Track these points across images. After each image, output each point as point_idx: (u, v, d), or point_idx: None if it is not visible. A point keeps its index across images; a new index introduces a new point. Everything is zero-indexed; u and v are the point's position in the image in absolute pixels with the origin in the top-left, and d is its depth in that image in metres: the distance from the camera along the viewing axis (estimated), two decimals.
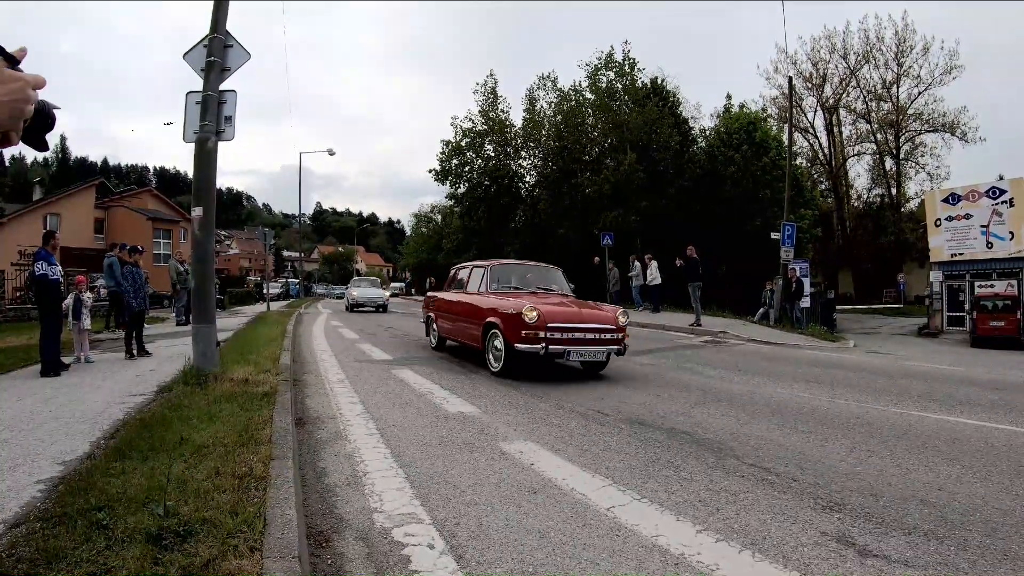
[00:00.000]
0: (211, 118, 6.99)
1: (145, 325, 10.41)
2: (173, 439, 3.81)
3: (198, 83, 7.35)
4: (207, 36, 7.31)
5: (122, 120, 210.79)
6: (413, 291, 68.21)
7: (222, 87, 7.29)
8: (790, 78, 24.55)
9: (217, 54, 7.19)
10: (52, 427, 4.67)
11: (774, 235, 20.83)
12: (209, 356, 6.43)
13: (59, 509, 2.81)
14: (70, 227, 32.03)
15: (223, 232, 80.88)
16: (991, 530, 3.34)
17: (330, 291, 61.47)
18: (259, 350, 8.86)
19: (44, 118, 1.25)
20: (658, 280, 21.64)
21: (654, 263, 21.92)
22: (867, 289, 50.69)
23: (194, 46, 7.38)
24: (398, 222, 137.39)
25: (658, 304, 21.74)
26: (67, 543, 2.45)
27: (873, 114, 50.35)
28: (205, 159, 6.97)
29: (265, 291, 28.56)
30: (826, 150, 53.13)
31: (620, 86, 32.70)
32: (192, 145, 7.25)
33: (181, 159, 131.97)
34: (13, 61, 1.20)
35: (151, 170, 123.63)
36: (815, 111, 52.35)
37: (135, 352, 9.21)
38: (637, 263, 23.24)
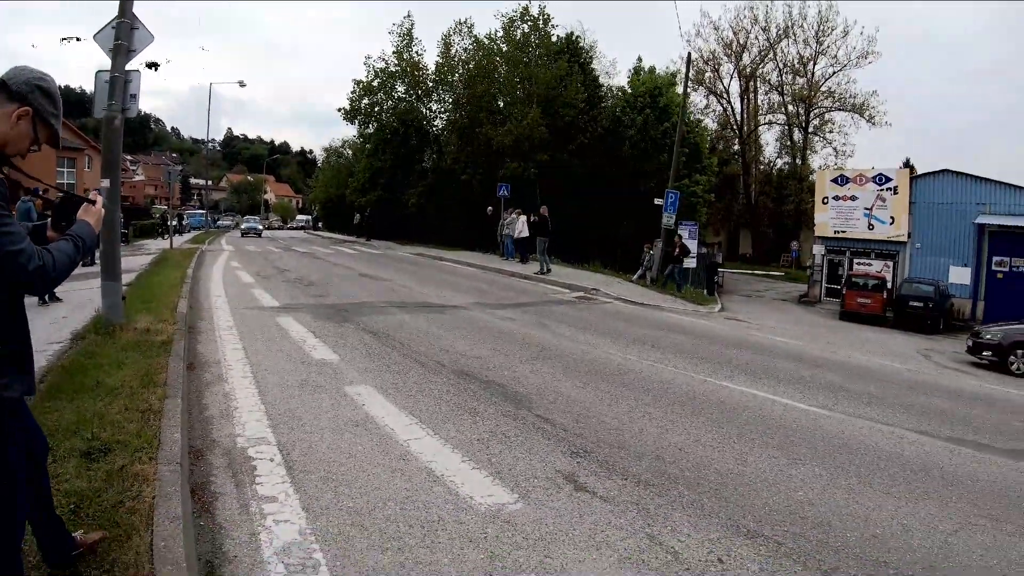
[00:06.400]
0: (118, 97, 7.87)
1: None
2: (90, 383, 5.08)
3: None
4: (115, 19, 8.09)
5: (21, 33, 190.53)
6: (320, 225, 66.20)
7: (128, 67, 8.17)
8: (688, 54, 26.18)
9: (124, 37, 8.01)
10: None
11: (657, 200, 22.53)
12: (115, 309, 7.56)
13: None
14: None
15: (128, 157, 77.33)
16: (695, 484, 4.38)
17: (241, 222, 56.72)
18: (160, 298, 9.94)
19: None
20: (525, 233, 23.25)
21: (522, 217, 23.53)
22: (767, 252, 53.91)
23: (103, 28, 8.17)
24: (310, 152, 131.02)
25: (525, 255, 23.52)
26: None
27: (787, 87, 53.14)
28: (113, 136, 7.92)
29: (170, 227, 28.53)
30: (738, 116, 55.77)
31: (534, 40, 33.50)
32: (102, 116, 8.13)
33: (87, 77, 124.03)
34: (93, 202, 2.39)
35: None
36: (731, 77, 54.81)
37: (47, 299, 10.07)
38: (519, 216, 24.62)
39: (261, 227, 49.95)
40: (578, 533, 3.60)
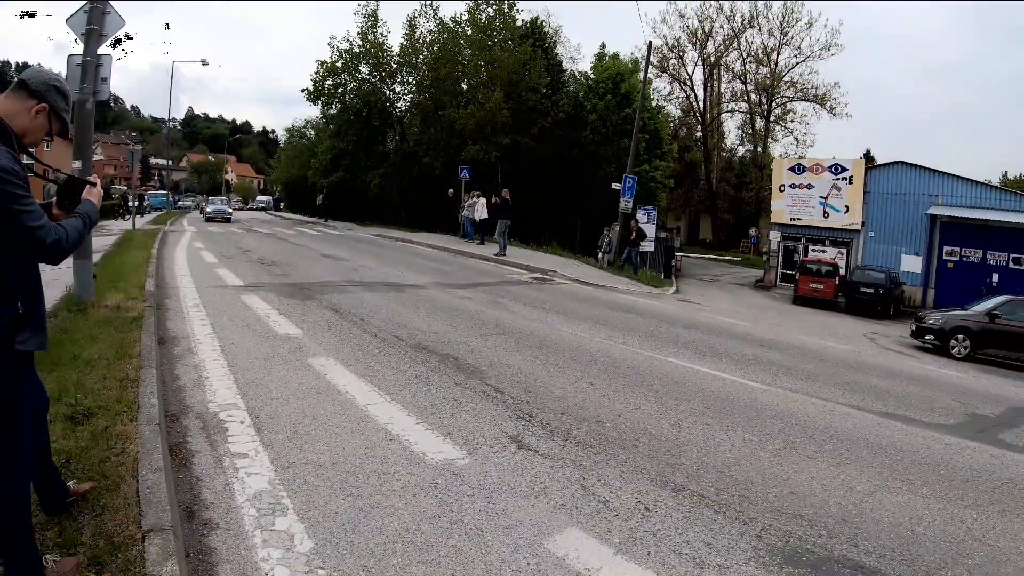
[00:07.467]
0: (89, 81, 8.03)
1: None
2: (67, 356, 5.38)
3: None
4: (87, 3, 8.22)
5: None
6: (282, 206, 64.64)
7: (99, 51, 8.34)
8: (649, 43, 26.47)
9: (96, 22, 8.12)
10: None
11: (615, 185, 23.03)
12: (86, 287, 7.80)
13: None
14: None
15: None
16: (631, 445, 4.79)
17: (202, 203, 53.73)
18: (127, 277, 10.15)
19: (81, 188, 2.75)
20: (485, 215, 23.77)
21: (482, 200, 23.98)
22: (726, 237, 55.09)
23: (75, 12, 8.27)
24: (272, 132, 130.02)
25: (483, 237, 24.11)
26: None
27: (750, 76, 54.17)
28: (85, 119, 8.08)
29: (131, 207, 28.28)
30: (701, 103, 56.62)
31: (499, 23, 33.68)
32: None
33: (45, 53, 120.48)
34: (94, 184, 2.73)
35: (13, 65, 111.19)
36: (695, 64, 55.60)
37: None
38: (480, 198, 25.00)
39: (229, 210, 39.43)
40: (519, 484, 4.07)
